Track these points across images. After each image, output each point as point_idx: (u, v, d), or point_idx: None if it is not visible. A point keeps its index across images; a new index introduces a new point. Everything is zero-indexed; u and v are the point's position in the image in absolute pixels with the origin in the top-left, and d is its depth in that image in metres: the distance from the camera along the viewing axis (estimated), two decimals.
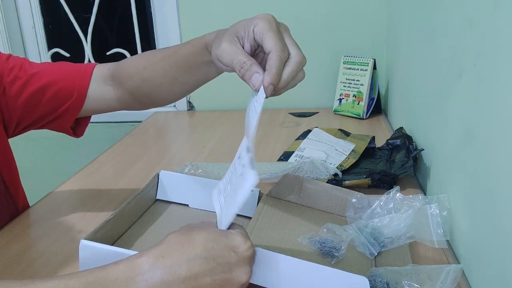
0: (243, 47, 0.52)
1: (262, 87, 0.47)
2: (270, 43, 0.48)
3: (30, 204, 0.85)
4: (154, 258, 0.41)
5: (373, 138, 1.00)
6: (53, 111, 0.74)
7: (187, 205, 0.76)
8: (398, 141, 0.92)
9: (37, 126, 0.77)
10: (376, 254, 0.60)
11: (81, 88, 0.73)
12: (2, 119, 0.72)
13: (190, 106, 1.61)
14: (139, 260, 0.42)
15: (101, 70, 0.75)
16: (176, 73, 0.66)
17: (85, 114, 0.77)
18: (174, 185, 0.76)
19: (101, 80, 0.74)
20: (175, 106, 1.62)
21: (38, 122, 0.75)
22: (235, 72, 0.50)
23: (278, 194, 0.76)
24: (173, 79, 0.68)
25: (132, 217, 0.69)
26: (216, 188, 0.56)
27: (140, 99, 0.73)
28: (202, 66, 0.63)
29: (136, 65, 0.71)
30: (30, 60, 0.76)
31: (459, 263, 0.61)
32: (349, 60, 1.38)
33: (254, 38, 0.50)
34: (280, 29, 0.51)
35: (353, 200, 0.70)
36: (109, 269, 0.42)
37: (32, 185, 1.07)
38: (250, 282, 0.49)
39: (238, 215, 0.71)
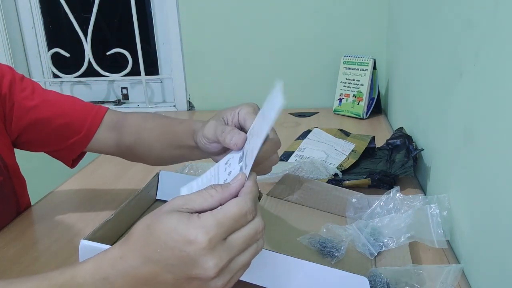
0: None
1: (280, 92, 0.44)
2: (251, 123, 0.54)
3: (34, 202, 0.85)
4: (114, 259, 0.40)
5: (373, 138, 1.00)
6: (59, 142, 0.75)
7: None
8: (398, 141, 0.92)
9: (39, 149, 0.77)
10: (376, 254, 0.60)
11: (91, 127, 0.75)
12: (4, 129, 0.73)
13: (190, 106, 1.61)
14: (104, 260, 0.41)
15: (111, 117, 0.77)
16: (167, 144, 0.71)
17: (86, 150, 0.79)
18: (174, 185, 0.76)
19: (108, 125, 0.76)
20: (175, 106, 1.62)
21: (39, 146, 0.77)
22: (219, 142, 0.55)
23: (278, 194, 0.76)
24: (163, 148, 0.72)
25: (132, 217, 0.69)
26: (187, 187, 0.51)
27: (134, 154, 0.76)
28: (187, 148, 0.68)
29: (137, 123, 0.75)
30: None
31: (459, 263, 0.61)
32: (349, 60, 1.38)
33: (238, 120, 0.56)
34: None
35: (353, 200, 0.70)
36: (78, 270, 0.41)
37: (33, 185, 1.07)
38: (250, 282, 0.49)
39: None
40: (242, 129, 0.56)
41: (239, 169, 0.47)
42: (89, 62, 1.65)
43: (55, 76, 1.70)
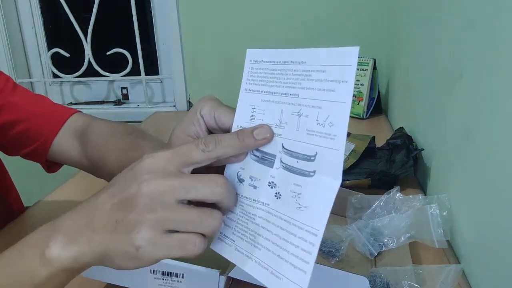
0: None
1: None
2: (228, 115, 0.39)
3: (30, 205, 0.84)
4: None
5: (373, 138, 1.00)
6: (22, 147, 0.70)
7: None
8: (398, 141, 0.92)
9: (10, 154, 0.73)
10: (376, 254, 0.60)
11: (50, 132, 0.68)
12: None
13: (190, 106, 1.61)
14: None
15: (76, 121, 0.70)
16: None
17: (53, 159, 0.72)
18: None
19: (71, 132, 0.69)
20: (175, 106, 1.62)
21: (8, 150, 0.72)
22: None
23: None
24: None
25: None
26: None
27: (96, 171, 0.67)
28: None
29: (103, 140, 0.65)
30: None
31: (459, 263, 0.61)
32: None
33: (204, 123, 0.41)
34: None
35: (353, 200, 0.70)
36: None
37: (32, 186, 1.07)
38: (250, 282, 0.49)
39: None
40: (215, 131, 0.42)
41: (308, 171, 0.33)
42: (89, 62, 1.65)
43: (55, 76, 1.70)
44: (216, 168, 0.39)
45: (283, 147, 0.34)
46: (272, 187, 0.35)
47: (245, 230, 0.36)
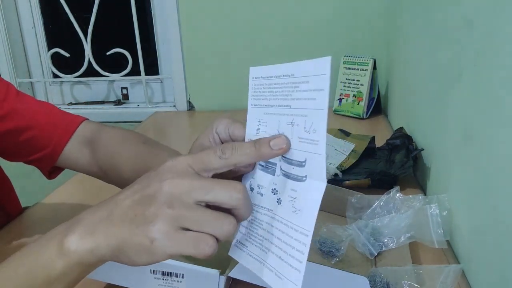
0: None
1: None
2: (241, 130, 0.42)
3: (31, 205, 0.84)
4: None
5: (373, 138, 1.00)
6: (27, 154, 0.70)
7: None
8: (398, 141, 0.92)
9: (12, 159, 0.72)
10: (376, 254, 0.60)
11: (59, 142, 0.68)
12: None
13: (190, 106, 1.61)
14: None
15: (85, 129, 0.70)
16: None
17: (60, 166, 0.73)
18: None
19: (81, 140, 0.69)
20: (175, 106, 1.62)
21: (11, 156, 0.71)
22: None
23: None
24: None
25: None
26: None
27: (106, 178, 0.69)
28: None
29: (114, 147, 0.67)
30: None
31: (459, 263, 0.61)
32: (349, 60, 1.38)
33: (220, 139, 0.44)
34: None
35: (353, 200, 0.70)
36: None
37: (32, 186, 1.07)
38: (250, 282, 0.49)
39: None
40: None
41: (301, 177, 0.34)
42: (89, 62, 1.65)
43: (55, 76, 1.70)
44: (231, 179, 0.39)
45: (282, 155, 0.36)
46: (274, 194, 0.37)
47: (255, 235, 0.38)
